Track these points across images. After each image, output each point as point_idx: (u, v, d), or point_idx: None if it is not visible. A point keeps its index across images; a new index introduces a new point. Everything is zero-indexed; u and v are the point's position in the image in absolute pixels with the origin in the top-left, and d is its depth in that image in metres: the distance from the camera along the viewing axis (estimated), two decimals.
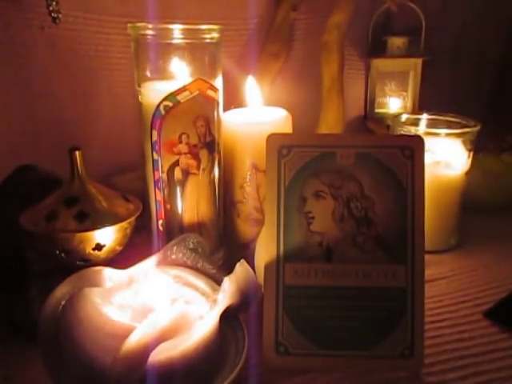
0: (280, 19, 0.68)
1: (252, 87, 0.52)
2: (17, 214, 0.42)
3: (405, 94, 0.81)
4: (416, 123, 0.59)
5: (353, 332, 0.37)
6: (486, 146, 0.68)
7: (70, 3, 0.58)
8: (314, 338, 0.37)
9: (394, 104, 0.81)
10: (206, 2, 0.66)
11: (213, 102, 0.46)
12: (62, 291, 0.34)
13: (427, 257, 0.37)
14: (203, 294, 0.37)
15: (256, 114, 0.52)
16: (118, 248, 0.43)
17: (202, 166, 0.46)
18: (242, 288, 0.36)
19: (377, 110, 0.82)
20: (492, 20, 0.84)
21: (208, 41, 0.44)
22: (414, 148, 0.38)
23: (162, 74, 0.45)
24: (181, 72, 0.44)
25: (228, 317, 0.36)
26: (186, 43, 0.44)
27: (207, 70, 0.46)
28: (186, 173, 0.46)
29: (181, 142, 0.45)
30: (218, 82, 0.47)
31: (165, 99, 0.43)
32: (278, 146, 0.38)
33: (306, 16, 0.73)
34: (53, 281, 0.35)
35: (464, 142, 0.55)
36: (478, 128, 0.54)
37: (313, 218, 0.37)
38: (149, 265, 0.39)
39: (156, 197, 0.46)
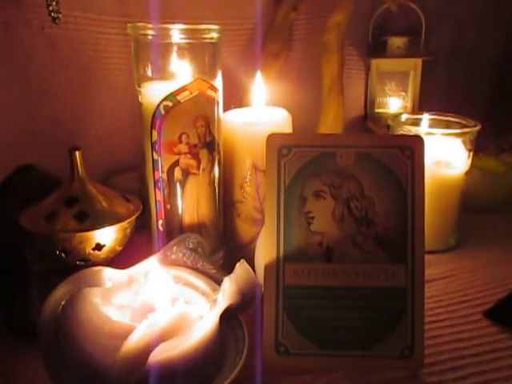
0: (280, 19, 0.68)
1: (259, 85, 0.52)
2: (17, 214, 0.42)
3: (405, 94, 0.80)
4: (416, 123, 0.59)
5: (353, 332, 0.37)
6: (486, 146, 0.68)
7: (69, 3, 0.58)
8: (314, 337, 0.37)
9: (393, 104, 0.81)
10: (206, 2, 0.66)
11: (213, 102, 0.46)
12: (61, 291, 0.34)
13: (427, 257, 0.37)
14: (203, 294, 0.38)
15: (256, 114, 0.52)
16: (118, 248, 0.43)
17: (202, 166, 0.46)
18: (242, 288, 0.36)
19: (377, 110, 0.82)
20: (492, 20, 0.84)
21: (208, 41, 0.44)
22: (413, 148, 0.38)
23: (162, 73, 0.45)
24: (181, 72, 0.44)
25: (228, 317, 0.36)
26: (186, 43, 0.44)
27: (207, 69, 0.46)
28: (186, 173, 0.46)
29: (181, 142, 0.45)
30: (218, 82, 0.47)
31: (165, 99, 0.43)
32: (278, 146, 0.38)
33: (305, 16, 0.73)
34: (53, 281, 0.35)
35: (464, 142, 0.55)
36: (477, 128, 0.55)
37: (313, 217, 0.37)
38: (149, 265, 0.39)
39: (156, 197, 0.46)
